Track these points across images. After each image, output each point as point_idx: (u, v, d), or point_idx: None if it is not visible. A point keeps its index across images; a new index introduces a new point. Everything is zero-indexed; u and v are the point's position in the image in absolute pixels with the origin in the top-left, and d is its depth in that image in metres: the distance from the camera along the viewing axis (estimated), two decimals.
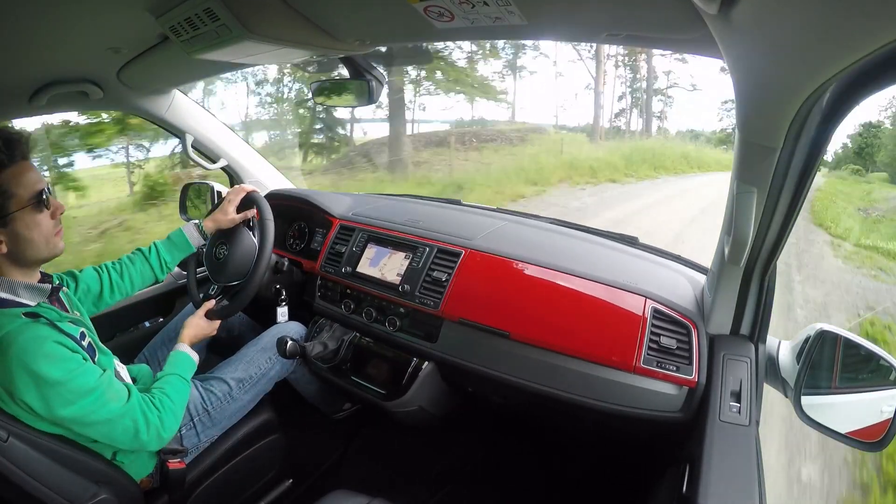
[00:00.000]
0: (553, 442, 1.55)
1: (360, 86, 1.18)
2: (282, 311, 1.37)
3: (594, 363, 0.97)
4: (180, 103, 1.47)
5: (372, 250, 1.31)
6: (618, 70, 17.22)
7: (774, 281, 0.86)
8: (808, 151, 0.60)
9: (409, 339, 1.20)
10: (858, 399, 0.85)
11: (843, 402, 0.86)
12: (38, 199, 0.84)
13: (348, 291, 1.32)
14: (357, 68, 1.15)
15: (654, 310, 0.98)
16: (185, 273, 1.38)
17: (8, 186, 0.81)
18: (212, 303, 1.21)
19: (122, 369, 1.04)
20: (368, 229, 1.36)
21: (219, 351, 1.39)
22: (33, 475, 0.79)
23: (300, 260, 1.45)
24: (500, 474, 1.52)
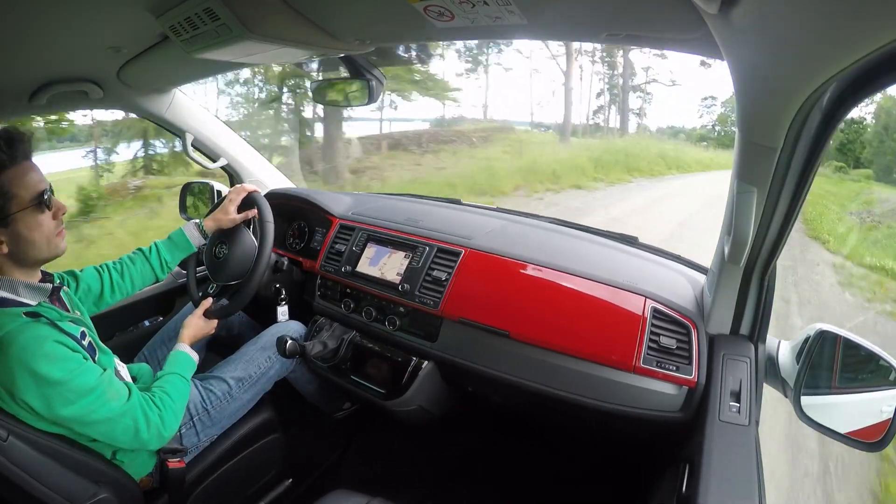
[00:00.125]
0: (553, 442, 1.55)
1: (360, 85, 1.18)
2: (282, 310, 1.37)
3: (594, 363, 0.98)
4: (180, 102, 1.47)
5: (372, 249, 1.31)
6: (595, 66, 16.44)
7: (774, 281, 0.86)
8: (808, 151, 0.60)
9: (408, 338, 1.20)
10: (858, 399, 0.85)
11: (843, 402, 0.86)
12: (40, 200, 0.84)
13: (348, 291, 1.32)
14: (357, 68, 1.15)
15: (654, 309, 0.98)
16: (185, 272, 1.38)
17: (9, 187, 0.81)
18: (209, 301, 1.21)
19: (123, 368, 1.04)
20: (368, 228, 1.36)
21: (218, 350, 1.39)
22: (33, 475, 0.79)
23: (300, 259, 1.45)
24: (500, 474, 1.52)
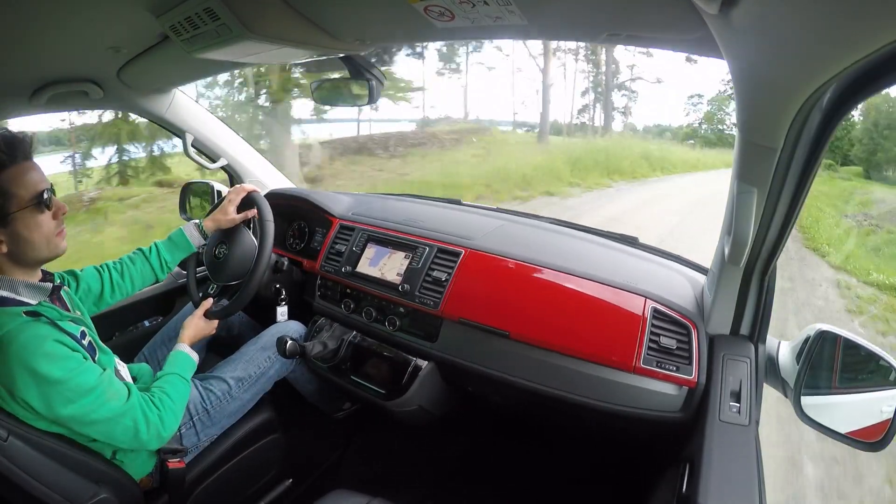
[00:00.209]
0: (553, 442, 1.54)
1: (360, 85, 1.18)
2: (282, 310, 1.37)
3: (594, 363, 0.97)
4: (180, 103, 1.47)
5: (372, 250, 1.31)
6: (579, 64, 15.90)
7: (774, 281, 0.86)
8: (808, 151, 0.60)
9: (408, 338, 1.20)
10: (858, 399, 0.85)
11: (843, 402, 0.86)
12: (39, 200, 0.84)
13: (348, 291, 1.32)
14: (357, 68, 1.14)
15: (654, 310, 0.98)
16: (185, 272, 1.38)
17: (8, 186, 0.81)
18: (209, 302, 1.21)
19: (123, 368, 1.04)
20: (368, 229, 1.36)
21: (218, 350, 1.39)
22: (33, 474, 0.79)
23: (300, 259, 1.45)
24: (500, 474, 1.52)
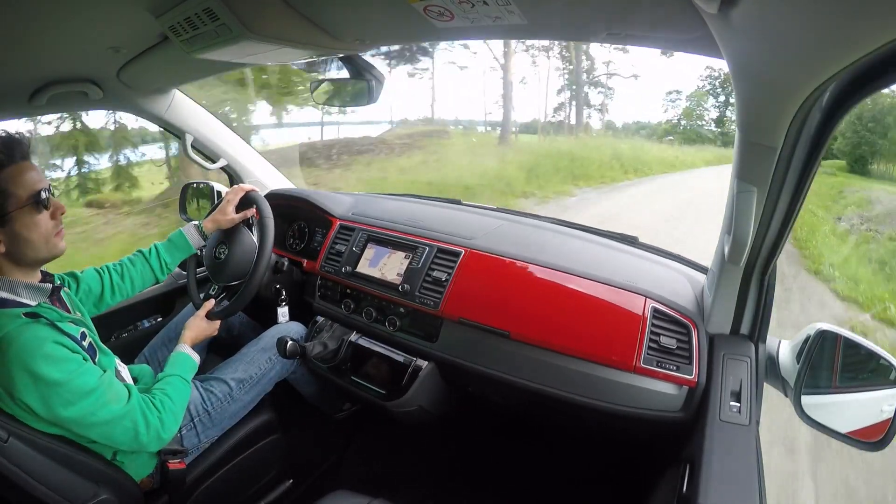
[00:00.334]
0: (553, 442, 1.54)
1: (360, 85, 1.18)
2: (282, 311, 1.37)
3: (594, 363, 0.97)
4: (180, 103, 1.47)
5: (372, 250, 1.31)
6: (551, 61, 14.82)
7: (774, 280, 0.86)
8: (808, 151, 0.60)
9: (409, 338, 1.20)
10: (858, 399, 0.85)
11: (843, 401, 0.86)
12: (38, 199, 0.84)
13: (348, 291, 1.32)
14: (357, 68, 1.15)
15: (654, 309, 0.98)
16: (185, 273, 1.38)
17: (7, 186, 0.81)
18: (211, 303, 1.21)
19: (123, 369, 1.04)
20: (368, 229, 1.36)
21: (219, 351, 1.39)
22: (33, 475, 0.79)
23: (300, 260, 1.45)
24: (500, 474, 1.52)
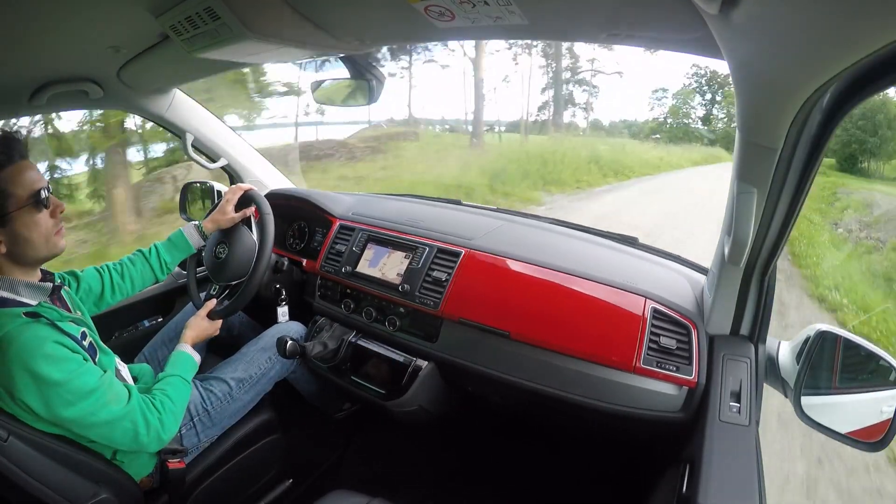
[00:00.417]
0: (553, 442, 1.54)
1: (360, 85, 1.18)
2: (282, 310, 1.37)
3: (594, 363, 0.97)
4: (180, 102, 1.47)
5: (372, 250, 1.31)
6: (534, 59, 14.89)
7: (774, 281, 0.86)
8: (809, 151, 0.60)
9: (409, 338, 1.20)
10: (858, 399, 0.85)
11: (843, 402, 0.86)
12: (37, 199, 0.84)
13: (348, 291, 1.32)
14: (357, 68, 1.14)
15: (654, 310, 0.98)
16: (185, 272, 1.38)
17: (6, 186, 0.81)
18: (213, 303, 1.21)
19: (124, 368, 1.04)
20: (368, 229, 1.36)
21: (219, 351, 1.39)
22: (33, 475, 0.79)
23: (300, 259, 1.45)
24: (500, 474, 1.52)
